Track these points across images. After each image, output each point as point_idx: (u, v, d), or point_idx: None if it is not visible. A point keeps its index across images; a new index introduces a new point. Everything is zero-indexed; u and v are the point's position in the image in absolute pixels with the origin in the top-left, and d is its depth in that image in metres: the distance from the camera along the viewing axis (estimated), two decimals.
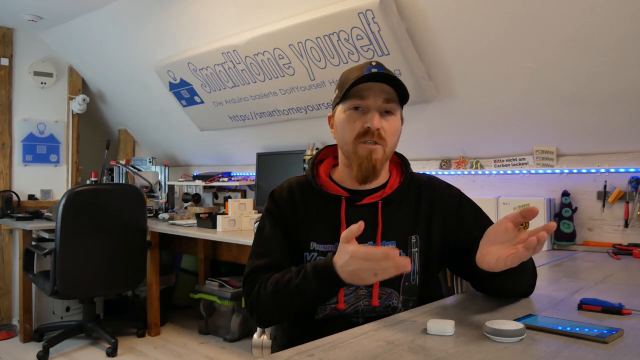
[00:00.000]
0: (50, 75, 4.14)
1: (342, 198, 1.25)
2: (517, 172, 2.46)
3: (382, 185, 1.28)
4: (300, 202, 1.28)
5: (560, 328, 0.92)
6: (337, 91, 1.27)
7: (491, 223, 1.28)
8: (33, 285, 3.45)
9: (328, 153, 1.36)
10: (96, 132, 4.81)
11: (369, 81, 1.19)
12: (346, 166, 1.27)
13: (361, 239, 1.22)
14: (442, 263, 1.30)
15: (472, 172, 2.61)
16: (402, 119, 1.28)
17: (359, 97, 1.20)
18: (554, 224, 0.99)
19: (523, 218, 1.01)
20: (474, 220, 1.27)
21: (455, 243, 1.25)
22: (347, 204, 1.24)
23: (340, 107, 1.25)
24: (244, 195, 3.90)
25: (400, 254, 1.21)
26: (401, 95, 1.23)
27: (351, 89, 1.20)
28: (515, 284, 1.15)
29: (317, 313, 1.22)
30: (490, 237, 1.06)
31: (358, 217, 1.23)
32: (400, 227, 1.24)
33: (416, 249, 1.23)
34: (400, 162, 1.34)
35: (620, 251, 2.07)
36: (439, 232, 1.26)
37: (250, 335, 3.10)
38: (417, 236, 1.24)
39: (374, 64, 1.22)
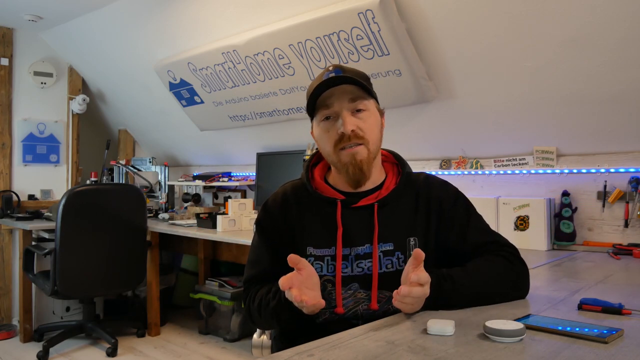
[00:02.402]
0: (50, 75, 4.14)
1: (338, 201, 1.24)
2: (517, 172, 2.46)
3: (378, 186, 1.27)
4: (295, 207, 1.28)
5: (560, 328, 0.92)
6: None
7: (482, 225, 1.27)
8: (33, 285, 3.45)
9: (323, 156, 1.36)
10: (96, 132, 4.81)
11: (327, 88, 1.18)
12: (338, 174, 1.27)
13: (358, 242, 1.21)
14: (439, 263, 1.28)
15: (472, 172, 2.61)
16: (380, 111, 1.26)
17: (325, 107, 1.21)
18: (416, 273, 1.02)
19: (415, 260, 1.03)
20: (465, 221, 1.25)
21: (446, 242, 1.24)
22: (343, 207, 1.23)
23: (314, 122, 1.26)
24: (244, 195, 3.90)
25: (399, 255, 1.22)
26: (368, 89, 1.22)
27: (316, 102, 1.20)
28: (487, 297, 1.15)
29: (317, 317, 1.21)
30: (403, 277, 1.08)
31: (354, 219, 1.23)
32: (397, 228, 1.23)
33: None
34: (396, 162, 1.33)
35: (620, 251, 2.07)
36: (436, 232, 1.24)
37: (250, 335, 3.10)
38: (416, 238, 1.22)
39: (331, 69, 1.21)
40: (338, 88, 1.19)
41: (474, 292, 1.12)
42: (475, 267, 1.17)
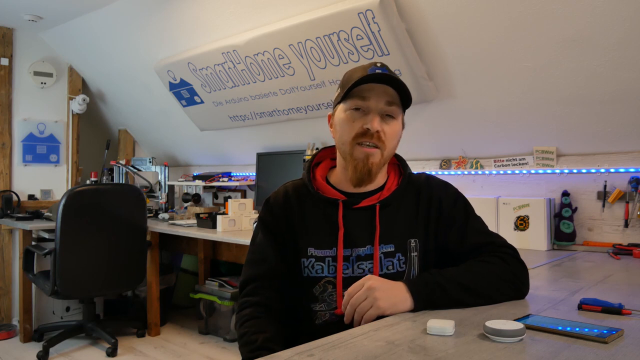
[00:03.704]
0: (50, 75, 4.14)
1: (340, 202, 1.23)
2: (517, 172, 2.46)
3: (380, 187, 1.26)
4: (296, 207, 1.26)
5: (560, 328, 0.92)
6: (339, 90, 1.25)
7: (480, 227, 1.26)
8: (33, 285, 3.45)
9: (325, 155, 1.34)
10: (96, 132, 4.81)
11: (372, 82, 1.18)
12: (343, 168, 1.25)
13: (359, 243, 1.20)
14: (439, 265, 1.27)
15: (472, 172, 2.61)
16: (403, 123, 1.26)
17: (360, 98, 1.19)
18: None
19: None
20: (463, 222, 1.24)
21: (445, 243, 1.23)
22: (345, 208, 1.23)
23: (341, 106, 1.23)
24: (244, 195, 3.90)
25: (399, 257, 1.21)
26: (404, 100, 1.22)
27: (353, 89, 1.18)
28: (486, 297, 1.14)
29: (317, 318, 1.20)
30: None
31: (355, 220, 1.22)
32: (399, 230, 1.22)
33: (415, 253, 1.21)
34: (398, 163, 1.32)
35: (620, 251, 2.07)
36: (436, 233, 1.24)
37: None
38: (417, 239, 1.22)
39: (378, 64, 1.20)
40: (380, 86, 1.18)
41: (465, 288, 1.11)
42: (469, 265, 1.17)
